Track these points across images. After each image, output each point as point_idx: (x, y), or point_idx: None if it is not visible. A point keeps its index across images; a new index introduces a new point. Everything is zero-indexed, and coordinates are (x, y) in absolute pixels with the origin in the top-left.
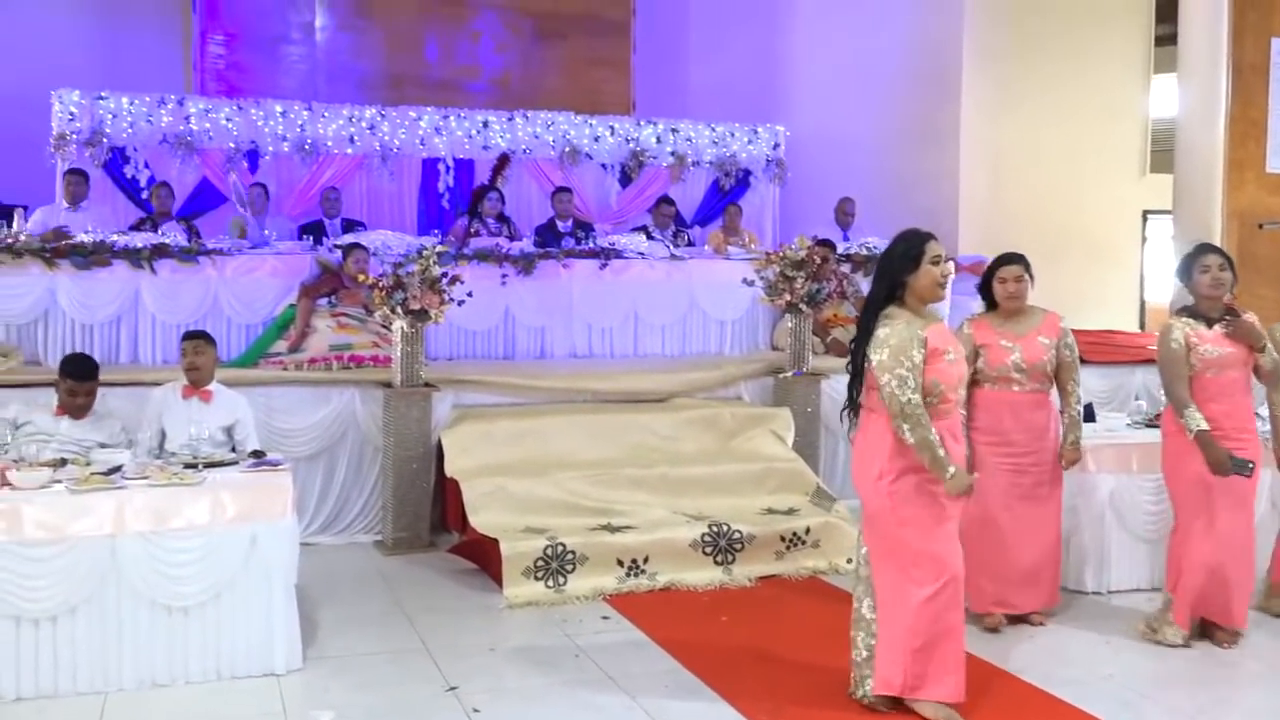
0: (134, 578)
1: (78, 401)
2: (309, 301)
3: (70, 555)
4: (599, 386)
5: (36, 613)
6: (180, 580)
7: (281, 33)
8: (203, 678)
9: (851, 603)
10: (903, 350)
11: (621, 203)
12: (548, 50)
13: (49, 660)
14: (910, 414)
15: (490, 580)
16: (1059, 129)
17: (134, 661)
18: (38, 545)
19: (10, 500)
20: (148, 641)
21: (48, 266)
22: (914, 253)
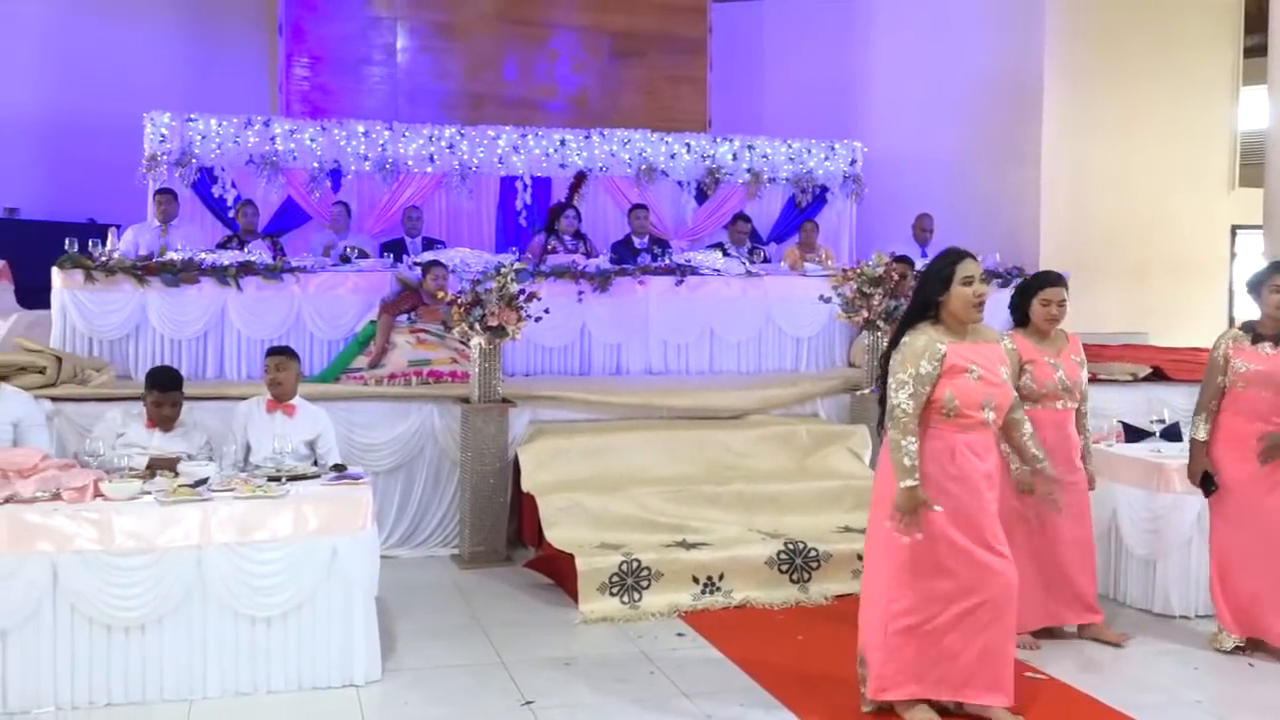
0: (219, 588)
1: (164, 412)
2: (389, 318)
3: (158, 566)
4: (674, 403)
5: (126, 621)
6: (264, 591)
7: (364, 55)
8: (284, 687)
9: None
10: (912, 359)
11: (697, 220)
12: (624, 68)
13: (138, 668)
14: (896, 418)
15: (566, 595)
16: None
17: (219, 670)
18: (128, 555)
19: (102, 510)
20: (232, 651)
21: (139, 284)
22: (945, 273)
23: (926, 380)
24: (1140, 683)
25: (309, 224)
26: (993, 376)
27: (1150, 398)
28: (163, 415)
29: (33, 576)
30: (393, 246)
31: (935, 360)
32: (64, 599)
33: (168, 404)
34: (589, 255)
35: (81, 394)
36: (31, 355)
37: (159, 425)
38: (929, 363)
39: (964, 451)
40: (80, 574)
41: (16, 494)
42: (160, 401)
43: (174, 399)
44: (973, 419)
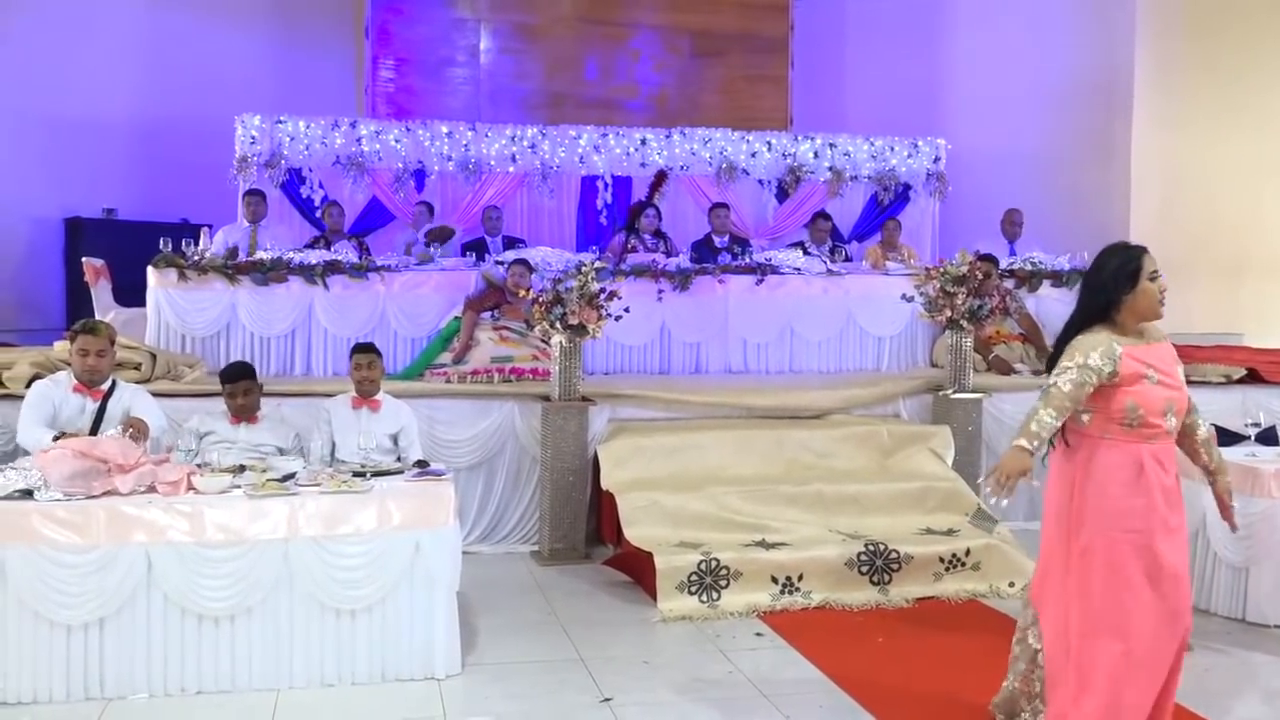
0: (305, 580)
1: (238, 402)
2: (474, 315)
3: (247, 557)
4: (754, 402)
5: (216, 611)
6: (348, 584)
7: (448, 56)
8: (368, 679)
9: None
10: (1083, 350)
11: (778, 218)
12: (705, 67)
13: (227, 657)
14: (1048, 392)
15: (644, 593)
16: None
17: (304, 661)
18: (218, 547)
19: (194, 504)
20: (318, 642)
21: (230, 283)
22: (1131, 268)
23: (1094, 372)
24: (1230, 693)
25: (393, 223)
26: (1170, 379)
27: (1245, 400)
28: (238, 405)
29: (129, 566)
30: (474, 246)
31: (1110, 359)
32: (157, 589)
33: (240, 393)
34: (669, 254)
35: (175, 390)
36: (128, 352)
37: (242, 418)
38: (1102, 358)
39: (1151, 463)
40: (173, 565)
41: (115, 488)
42: (234, 392)
43: (245, 387)
44: (1157, 428)
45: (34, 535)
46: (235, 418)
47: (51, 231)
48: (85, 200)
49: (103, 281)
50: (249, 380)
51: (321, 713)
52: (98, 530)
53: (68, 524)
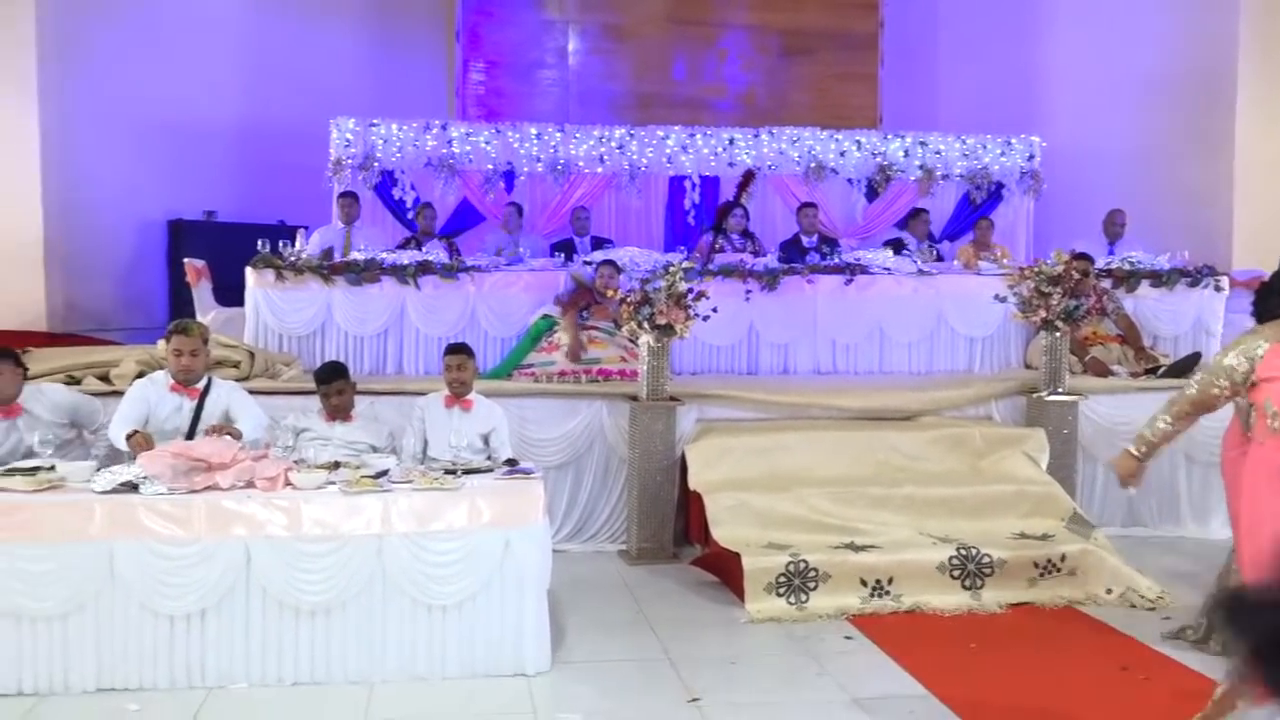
0: (398, 576)
1: (332, 401)
2: (574, 315)
3: (342, 552)
4: (843, 403)
5: (312, 605)
6: (440, 580)
7: (537, 59)
8: (459, 674)
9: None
10: (1228, 348)
11: (867, 217)
12: (794, 66)
13: (322, 649)
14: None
15: (732, 594)
16: None
17: (398, 655)
18: (314, 542)
19: (291, 499)
20: (410, 636)
21: (325, 283)
22: None
23: (1225, 372)
24: None
25: (483, 224)
26: None
27: None
28: (331, 405)
29: (228, 559)
30: (563, 246)
31: (1248, 357)
32: (256, 582)
33: (333, 393)
34: (757, 254)
35: (272, 387)
36: (227, 350)
37: (336, 416)
38: (1238, 356)
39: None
40: (270, 559)
41: (216, 483)
42: (327, 392)
43: (338, 387)
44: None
45: (140, 529)
46: (330, 416)
47: (156, 233)
48: (188, 203)
49: (204, 282)
50: (342, 380)
51: (414, 706)
52: (199, 524)
53: (171, 518)
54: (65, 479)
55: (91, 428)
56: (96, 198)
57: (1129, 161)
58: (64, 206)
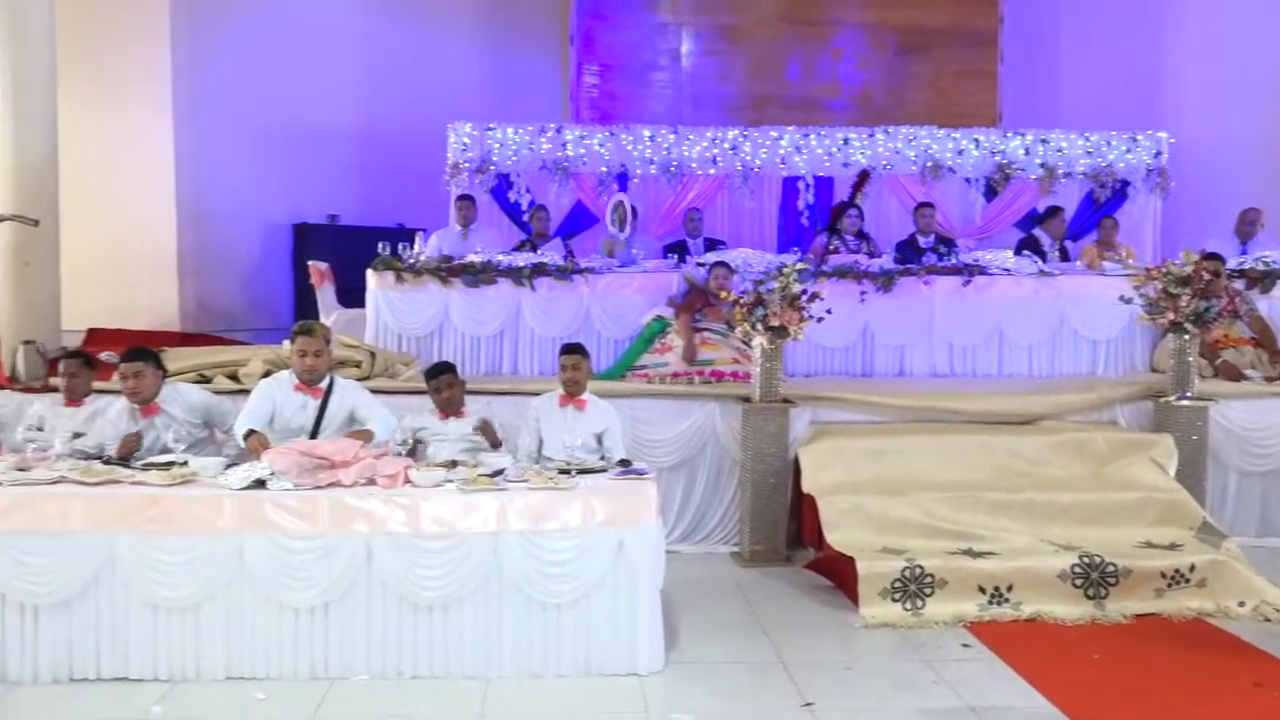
0: (514, 573)
1: (443, 396)
2: (688, 317)
3: (459, 549)
4: (960, 406)
5: (431, 600)
6: (554, 578)
7: (650, 60)
8: (573, 672)
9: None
10: None
11: (986, 217)
12: (911, 64)
13: (440, 644)
14: None
15: (846, 598)
16: None
17: (513, 651)
18: (432, 539)
19: (411, 496)
20: (525, 634)
21: (443, 285)
22: None
23: None
24: None
25: (596, 226)
26: None
27: None
28: (443, 399)
29: (350, 554)
30: (676, 248)
31: None
32: (376, 577)
33: (443, 386)
34: (872, 255)
35: (391, 387)
36: (349, 350)
37: (449, 412)
38: None
39: None
40: (391, 554)
41: (339, 480)
42: (437, 387)
43: (447, 381)
44: None
45: (267, 523)
46: (443, 413)
47: (281, 236)
48: (311, 207)
49: (327, 284)
50: (450, 374)
51: (529, 703)
52: (323, 520)
53: (297, 513)
54: (198, 474)
55: (223, 427)
56: (225, 203)
57: (1262, 157)
58: (195, 213)
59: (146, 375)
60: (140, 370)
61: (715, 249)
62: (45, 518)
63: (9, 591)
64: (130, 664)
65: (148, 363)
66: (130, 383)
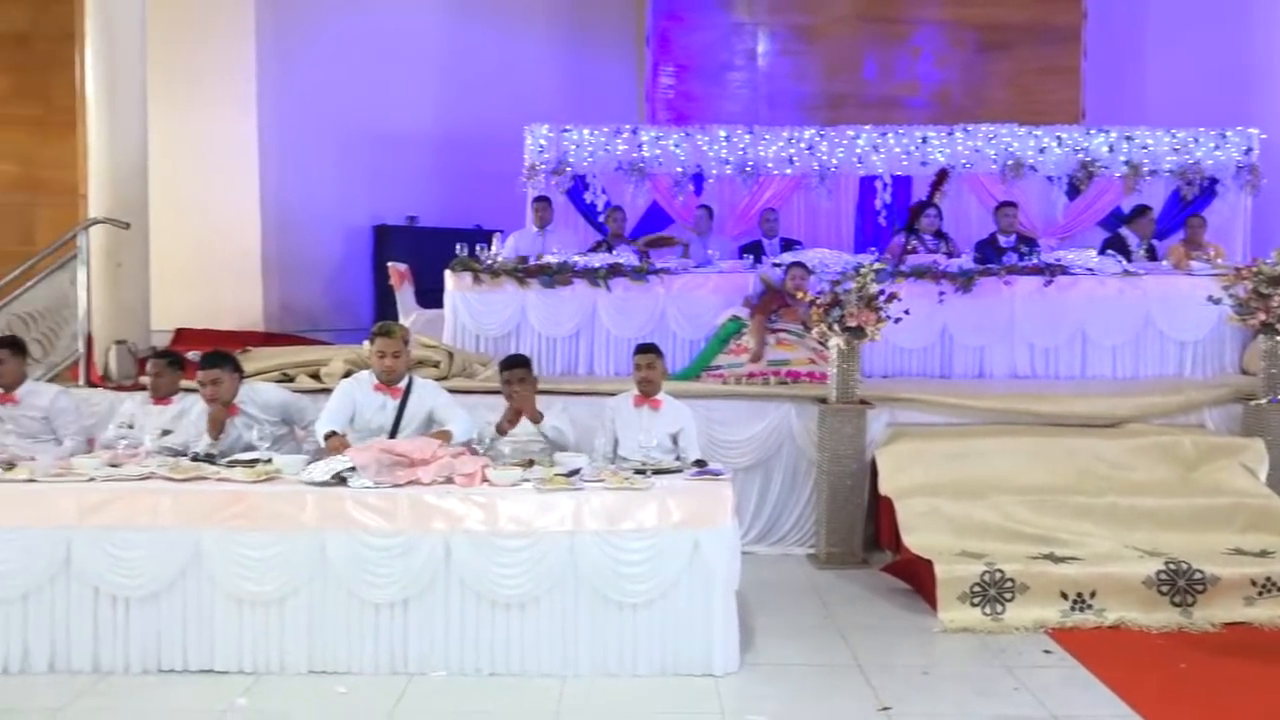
0: (589, 573)
1: (513, 388)
2: (763, 318)
3: (536, 548)
4: (1041, 409)
5: (508, 598)
6: (630, 578)
7: (726, 61)
8: (648, 671)
9: None
10: None
11: (1068, 216)
12: (991, 61)
13: (517, 642)
14: None
15: (924, 602)
16: None
17: (589, 650)
18: (509, 537)
19: (488, 495)
20: (601, 633)
21: (520, 285)
22: None
23: None
24: None
25: (672, 227)
26: None
27: None
28: (511, 392)
29: (429, 552)
30: (751, 248)
31: None
32: (454, 574)
33: (515, 380)
34: (951, 255)
35: (469, 386)
36: (428, 350)
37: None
38: None
39: None
40: (469, 552)
41: (418, 478)
42: (509, 379)
43: (520, 375)
44: None
45: (349, 520)
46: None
47: (362, 238)
48: (391, 209)
49: (406, 285)
50: (522, 369)
51: (604, 702)
52: (402, 517)
53: (377, 510)
54: (281, 471)
55: (302, 424)
56: (308, 206)
57: None
58: (279, 215)
59: (223, 380)
60: (217, 376)
61: (791, 249)
62: (135, 513)
63: (102, 584)
64: (216, 656)
65: (224, 368)
66: (208, 389)
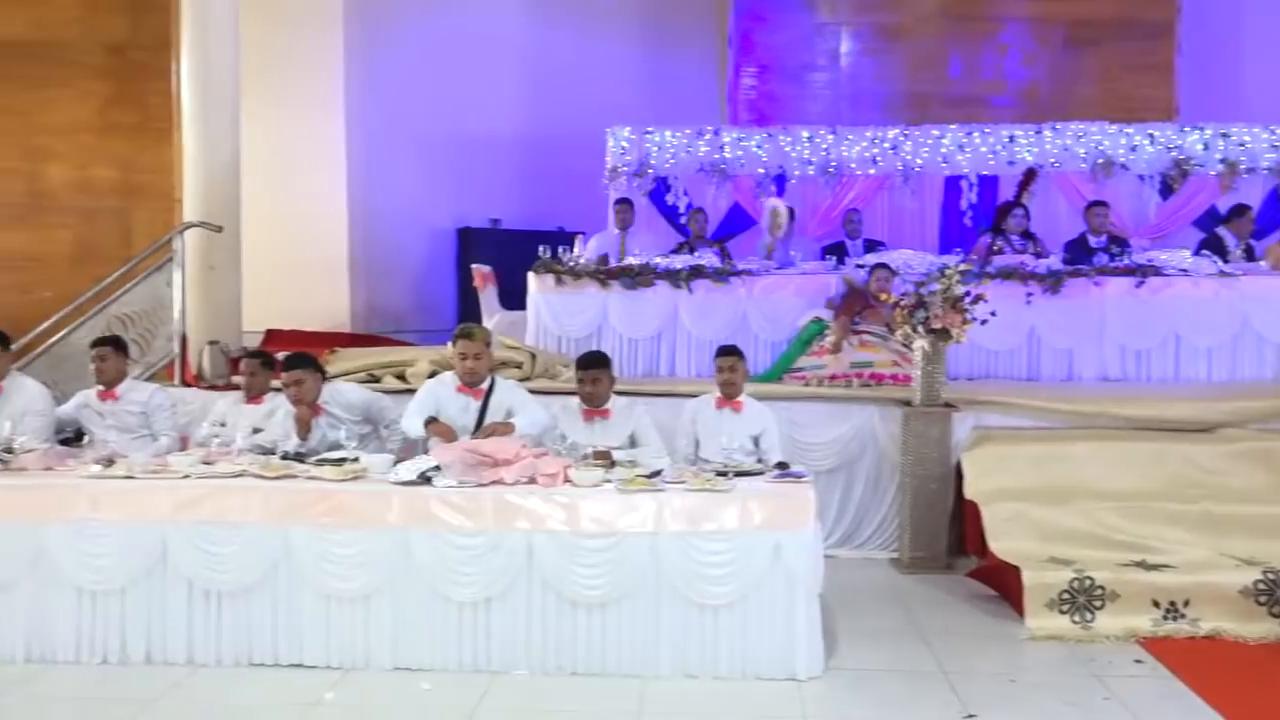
0: (671, 574)
1: (585, 389)
2: (847, 319)
3: (618, 549)
4: (1133, 412)
5: (589, 598)
6: (711, 580)
7: (809, 61)
8: (729, 674)
9: None
10: None
11: (1161, 215)
12: (1080, 58)
13: (599, 642)
14: None
15: (1010, 608)
16: None
17: (671, 651)
18: (591, 537)
19: (570, 495)
20: (682, 634)
21: (601, 287)
22: None
23: None
24: None
25: (753, 228)
26: None
27: None
28: (585, 393)
29: (512, 551)
30: (834, 249)
31: None
32: (536, 574)
33: (588, 380)
34: (1039, 255)
35: (551, 387)
36: (511, 351)
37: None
38: None
39: None
40: (551, 551)
41: (501, 478)
42: (583, 379)
43: (594, 376)
44: None
45: (433, 519)
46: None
47: (446, 241)
48: (474, 211)
49: (490, 286)
50: (598, 369)
51: (685, 703)
52: (486, 516)
53: (461, 509)
54: (368, 470)
55: (384, 423)
56: (393, 208)
57: None
58: (365, 218)
59: (305, 381)
60: (299, 378)
61: (875, 250)
62: (228, 510)
63: (196, 579)
64: (305, 651)
65: (305, 369)
66: (292, 390)
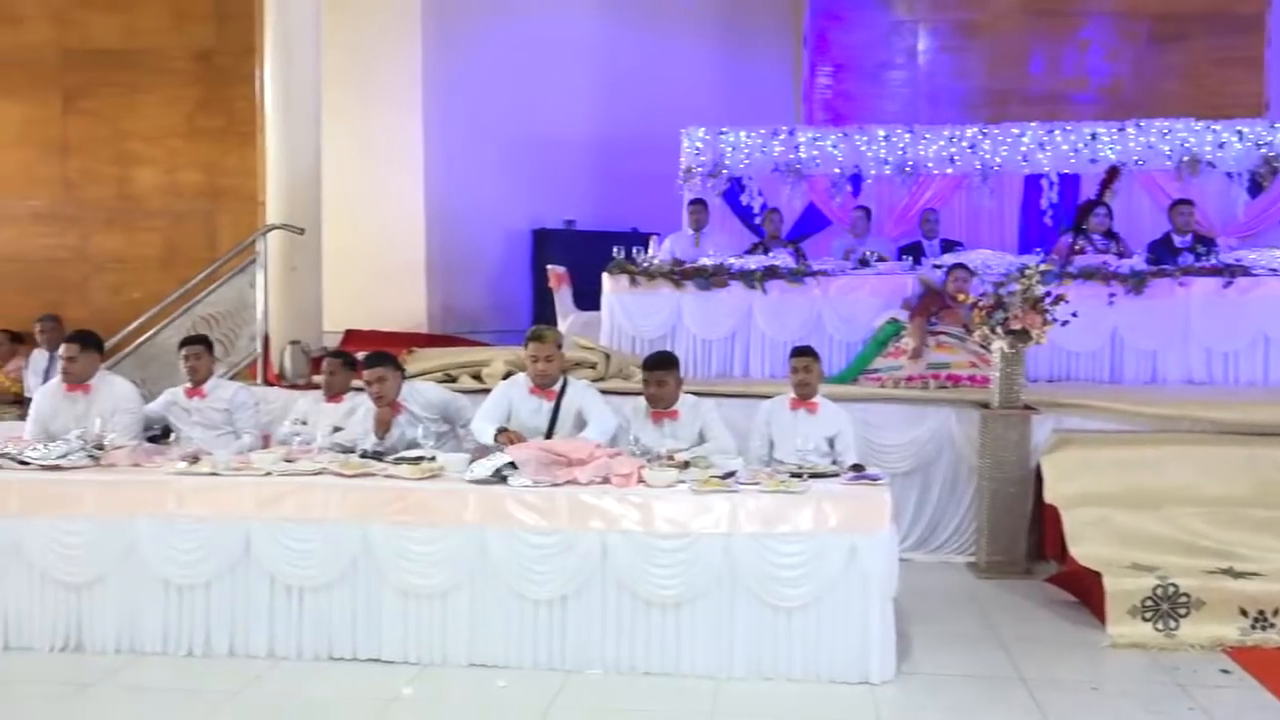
0: (745, 575)
1: (651, 390)
2: (923, 320)
3: (691, 550)
4: (1219, 416)
5: (663, 598)
6: (785, 582)
7: (885, 59)
8: (803, 676)
9: None
10: None
11: (1250, 214)
12: (1165, 53)
13: (672, 642)
14: None
15: (1090, 615)
16: None
17: (745, 652)
18: (665, 538)
19: (644, 495)
20: (755, 636)
21: (675, 288)
22: None
23: None
24: None
25: (829, 228)
26: None
27: None
28: (651, 394)
29: (586, 550)
30: (911, 249)
31: None
32: (611, 573)
33: (654, 383)
34: (1121, 255)
35: (625, 388)
36: (585, 352)
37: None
38: None
39: None
40: (625, 551)
41: (575, 478)
42: (648, 380)
43: (659, 378)
44: None
45: (508, 518)
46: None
47: (521, 241)
48: (549, 212)
49: (564, 287)
50: (663, 370)
51: (758, 705)
52: (561, 516)
53: (536, 508)
54: (444, 468)
55: (461, 423)
56: (469, 210)
57: None
58: (443, 219)
59: (387, 378)
60: (382, 375)
61: (952, 250)
62: (309, 507)
63: (278, 574)
64: (383, 646)
65: (387, 367)
66: (374, 387)
